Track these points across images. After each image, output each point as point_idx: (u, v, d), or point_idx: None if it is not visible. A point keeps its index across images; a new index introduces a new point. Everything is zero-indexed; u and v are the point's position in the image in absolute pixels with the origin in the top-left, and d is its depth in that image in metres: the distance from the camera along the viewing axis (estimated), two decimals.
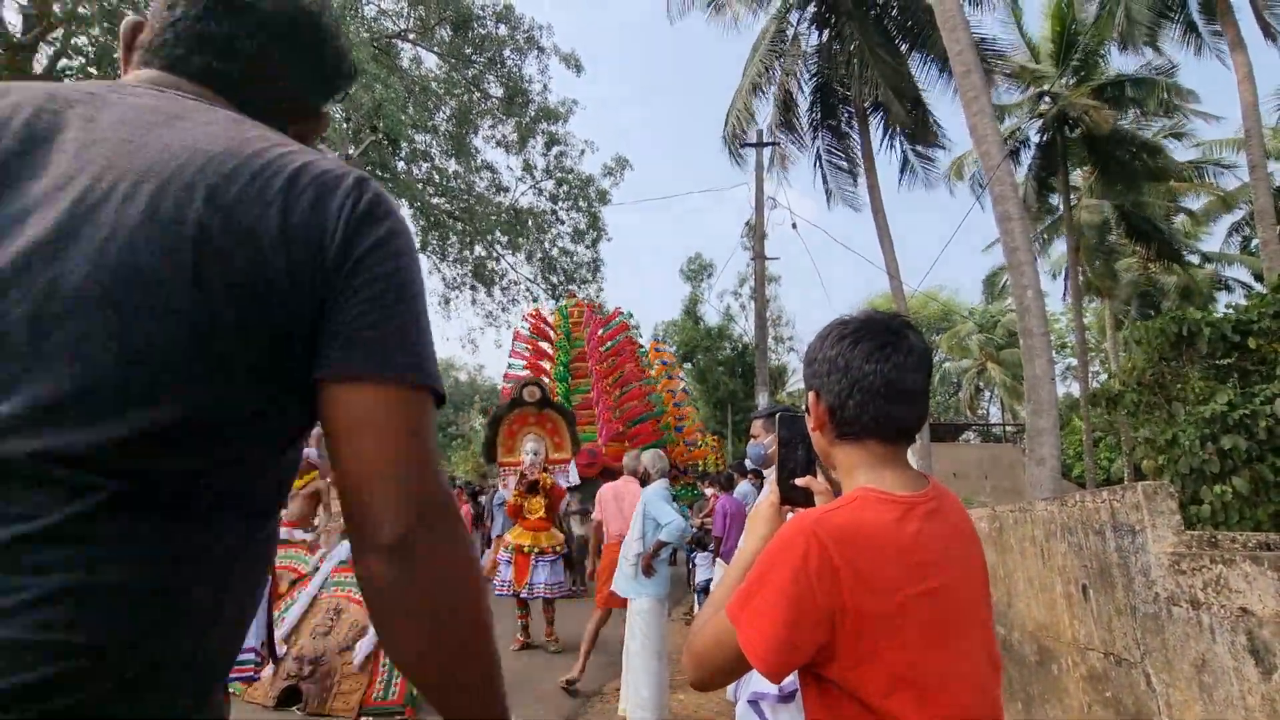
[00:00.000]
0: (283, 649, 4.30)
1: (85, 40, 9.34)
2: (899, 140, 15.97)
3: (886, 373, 1.03)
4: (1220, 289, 21.66)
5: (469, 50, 15.31)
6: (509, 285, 18.11)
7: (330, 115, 0.94)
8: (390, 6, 14.72)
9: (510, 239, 17.00)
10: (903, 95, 14.50)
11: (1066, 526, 2.72)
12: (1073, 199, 18.92)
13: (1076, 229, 18.77)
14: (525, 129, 16.51)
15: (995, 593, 3.45)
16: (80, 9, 8.56)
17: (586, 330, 12.94)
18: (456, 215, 16.14)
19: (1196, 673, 1.97)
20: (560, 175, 17.48)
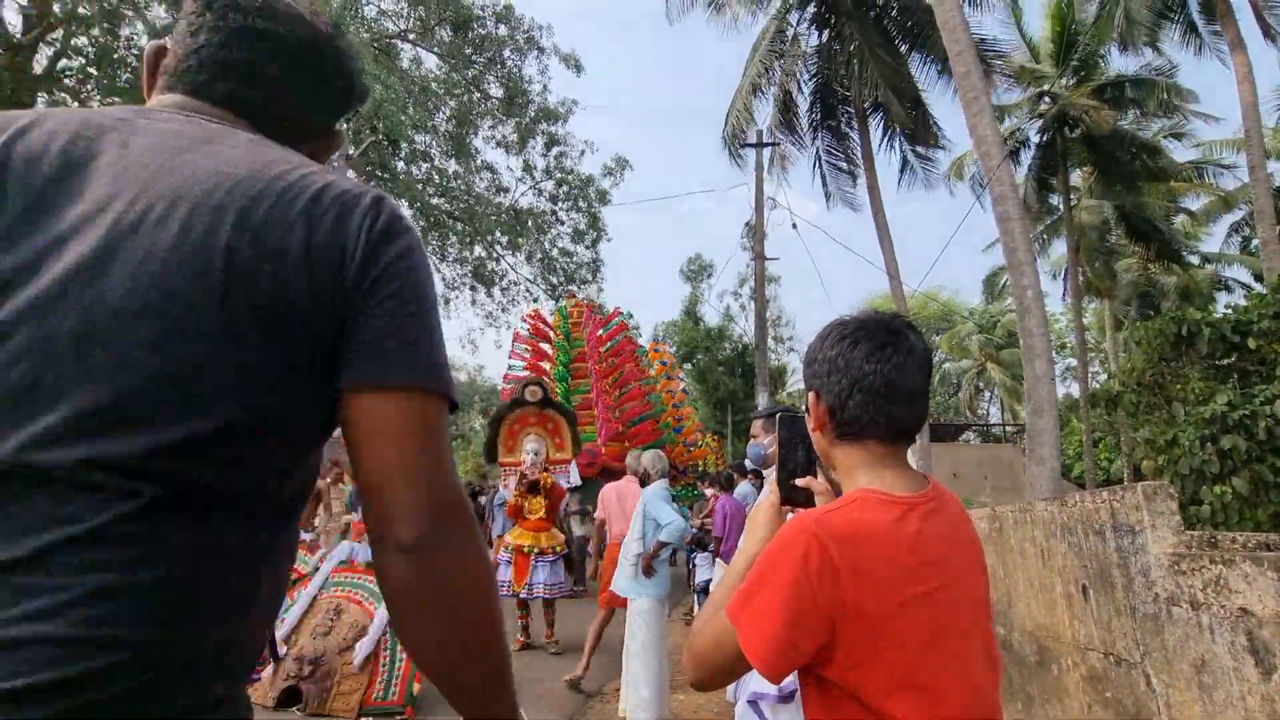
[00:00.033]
0: (283, 649, 4.30)
1: (85, 40, 9.34)
2: (899, 141, 15.97)
3: (886, 373, 1.03)
4: (1220, 289, 21.66)
5: (469, 51, 15.31)
6: (509, 285, 18.12)
7: (343, 133, 0.98)
8: (390, 7, 14.73)
9: (510, 239, 17.00)
10: (902, 96, 14.50)
11: (1066, 527, 2.72)
12: (1073, 199, 18.93)
13: (1076, 229, 18.78)
14: (525, 129, 16.51)
15: (995, 593, 3.45)
16: (80, 9, 8.56)
17: (586, 330, 12.95)
18: (456, 215, 16.14)
19: (1196, 673, 1.97)
20: (560, 176, 17.47)
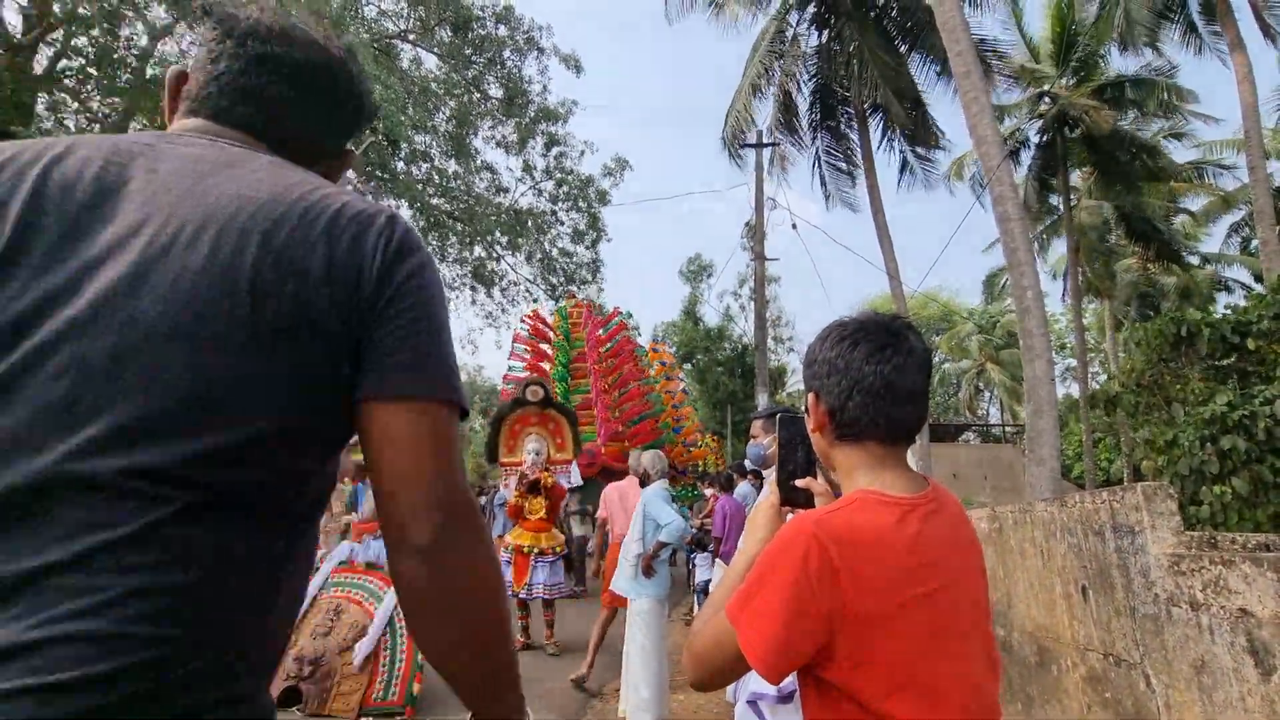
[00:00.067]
0: None
1: (85, 41, 9.33)
2: (898, 141, 15.97)
3: (886, 374, 1.03)
4: (1220, 290, 21.68)
5: (469, 51, 15.28)
6: (509, 286, 18.09)
7: (354, 152, 1.02)
8: (390, 7, 14.71)
9: (510, 239, 16.97)
10: (902, 96, 14.50)
11: (1066, 527, 2.72)
12: (1072, 199, 18.93)
13: (1076, 229, 18.78)
14: (525, 130, 16.50)
15: (995, 593, 3.45)
16: (80, 9, 8.56)
17: (585, 331, 12.94)
18: (456, 216, 16.12)
19: (1196, 674, 1.97)
20: (560, 176, 17.46)
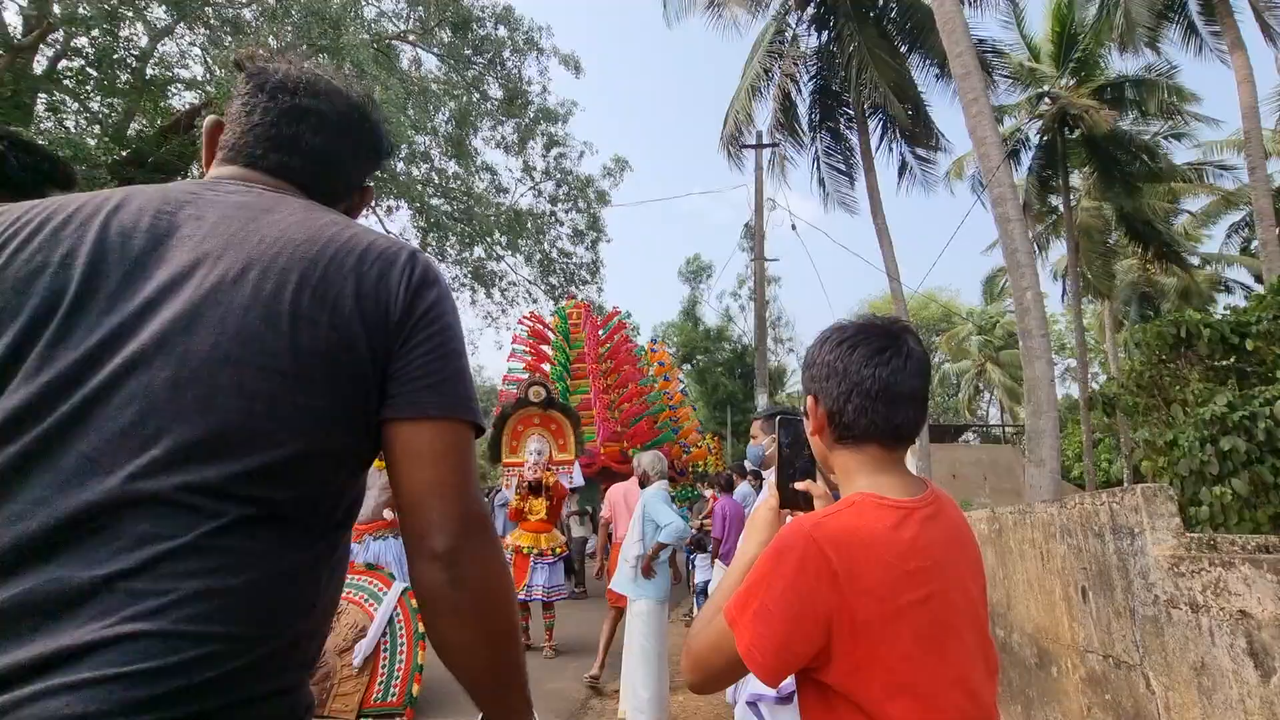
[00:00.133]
0: None
1: (85, 42, 9.32)
2: (898, 142, 15.97)
3: (885, 377, 1.03)
4: (1220, 290, 21.68)
5: (469, 52, 15.27)
6: (508, 286, 18.05)
7: (372, 188, 1.09)
8: (390, 8, 14.70)
9: (510, 240, 16.95)
10: (902, 97, 14.48)
11: (1066, 528, 2.72)
12: (1072, 200, 18.93)
13: (1076, 230, 18.78)
14: (525, 130, 16.48)
15: (995, 595, 3.45)
16: (80, 10, 8.55)
17: (584, 331, 12.94)
18: (456, 216, 16.09)
19: (1196, 675, 1.97)
20: (560, 176, 17.45)
